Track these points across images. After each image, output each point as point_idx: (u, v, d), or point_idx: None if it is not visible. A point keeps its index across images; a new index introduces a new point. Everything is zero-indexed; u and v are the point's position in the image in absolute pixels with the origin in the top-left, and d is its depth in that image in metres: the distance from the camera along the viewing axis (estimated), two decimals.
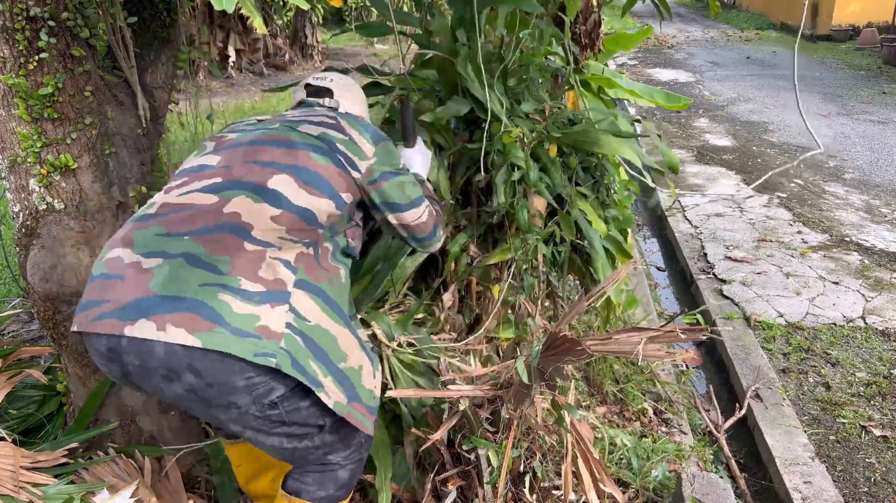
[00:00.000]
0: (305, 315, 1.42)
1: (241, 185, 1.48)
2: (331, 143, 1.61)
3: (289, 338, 1.37)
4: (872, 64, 11.04)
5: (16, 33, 1.66)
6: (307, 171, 1.53)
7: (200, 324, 1.28)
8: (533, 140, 2.41)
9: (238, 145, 1.58)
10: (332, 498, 1.66)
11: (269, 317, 1.35)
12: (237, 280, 1.35)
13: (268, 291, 1.37)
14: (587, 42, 2.95)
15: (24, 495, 1.79)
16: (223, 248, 1.38)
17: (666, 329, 1.57)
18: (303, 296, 1.44)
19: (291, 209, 1.47)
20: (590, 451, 1.86)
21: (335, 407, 1.46)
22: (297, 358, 1.37)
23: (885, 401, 2.92)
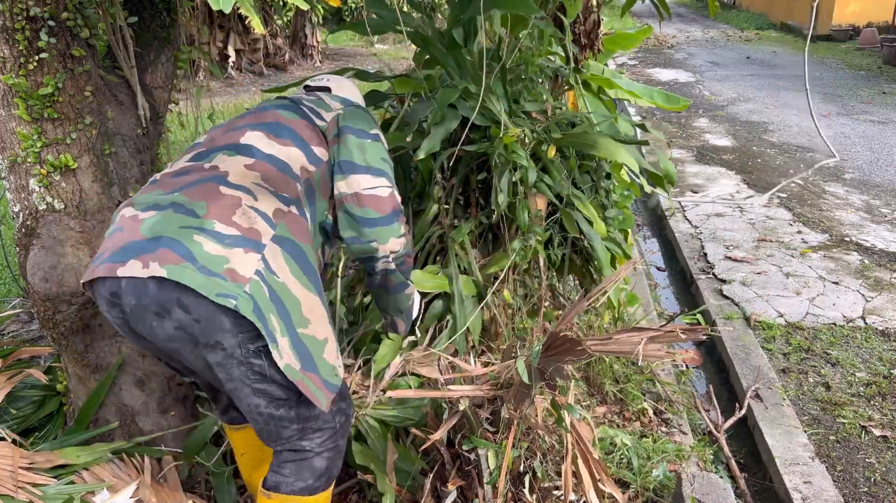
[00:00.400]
0: (275, 270, 1.44)
1: (219, 149, 1.58)
2: (299, 102, 1.71)
3: (255, 285, 1.39)
4: (872, 64, 11.04)
5: (16, 33, 1.66)
6: (275, 125, 1.62)
7: (170, 258, 1.34)
8: (533, 141, 2.41)
9: (223, 125, 1.71)
10: (311, 488, 1.65)
11: (238, 261, 1.38)
12: (211, 223, 1.40)
13: (241, 237, 1.41)
14: (587, 42, 2.95)
15: (24, 495, 1.79)
16: (201, 195, 1.45)
17: (666, 329, 1.57)
18: (278, 252, 1.46)
19: (263, 157, 1.55)
20: (590, 451, 1.86)
21: (285, 369, 1.43)
22: (259, 305, 1.38)
23: (885, 401, 2.92)
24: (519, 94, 2.56)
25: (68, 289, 1.90)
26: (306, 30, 11.63)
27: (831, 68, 10.75)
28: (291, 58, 11.29)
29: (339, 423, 1.66)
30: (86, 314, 1.96)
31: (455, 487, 1.95)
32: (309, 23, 11.57)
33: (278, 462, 1.65)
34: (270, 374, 1.46)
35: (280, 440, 1.60)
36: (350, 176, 1.65)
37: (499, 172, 2.33)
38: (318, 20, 11.69)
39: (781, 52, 12.71)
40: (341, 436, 1.68)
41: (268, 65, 10.94)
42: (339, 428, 1.67)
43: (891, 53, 10.77)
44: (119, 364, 2.06)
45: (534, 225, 2.42)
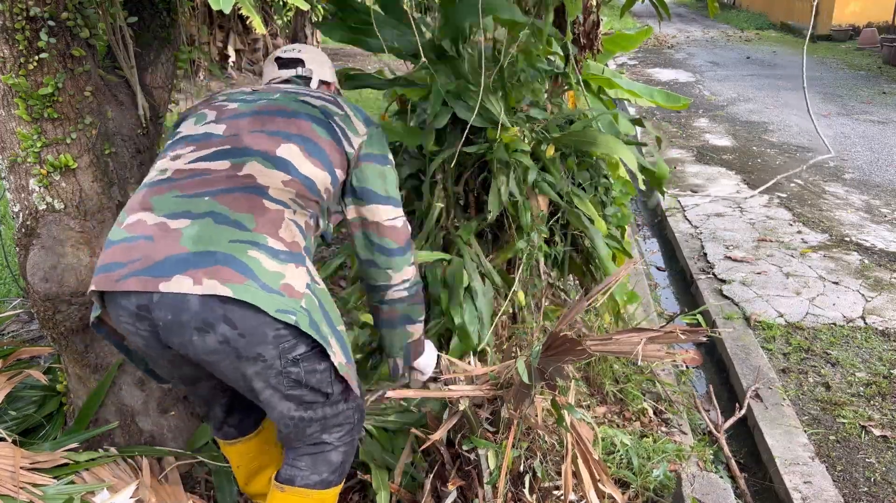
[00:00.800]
0: (316, 278, 1.52)
1: (251, 153, 1.52)
2: (329, 116, 1.64)
3: (308, 299, 1.45)
4: (872, 64, 11.05)
5: (16, 33, 1.66)
6: (311, 143, 1.58)
7: (233, 276, 1.34)
8: (532, 140, 2.41)
9: (241, 115, 1.60)
10: (326, 482, 1.67)
11: (293, 276, 1.43)
12: (263, 237, 1.41)
13: (290, 252, 1.45)
14: (586, 42, 2.95)
15: (24, 495, 1.79)
16: (245, 207, 1.43)
17: (666, 329, 1.56)
18: (309, 261, 1.52)
19: (298, 176, 1.53)
20: (590, 451, 1.86)
21: (339, 367, 1.51)
22: (313, 317, 1.44)
23: (885, 401, 2.92)
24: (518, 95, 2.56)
25: (68, 289, 1.90)
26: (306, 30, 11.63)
27: (831, 68, 10.75)
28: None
29: (357, 419, 1.70)
30: (86, 314, 1.96)
31: (455, 487, 1.95)
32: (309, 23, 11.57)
33: (295, 456, 1.66)
34: (306, 380, 1.50)
35: (302, 438, 1.63)
36: (370, 205, 1.67)
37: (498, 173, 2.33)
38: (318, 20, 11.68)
39: (781, 52, 12.71)
40: (357, 431, 1.72)
41: None
42: (357, 423, 1.71)
43: (891, 53, 10.77)
44: (119, 364, 2.06)
45: (537, 224, 2.42)
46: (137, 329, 1.42)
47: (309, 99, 1.66)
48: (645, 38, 3.36)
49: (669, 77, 10.50)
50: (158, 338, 1.42)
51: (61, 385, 2.20)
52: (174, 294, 1.33)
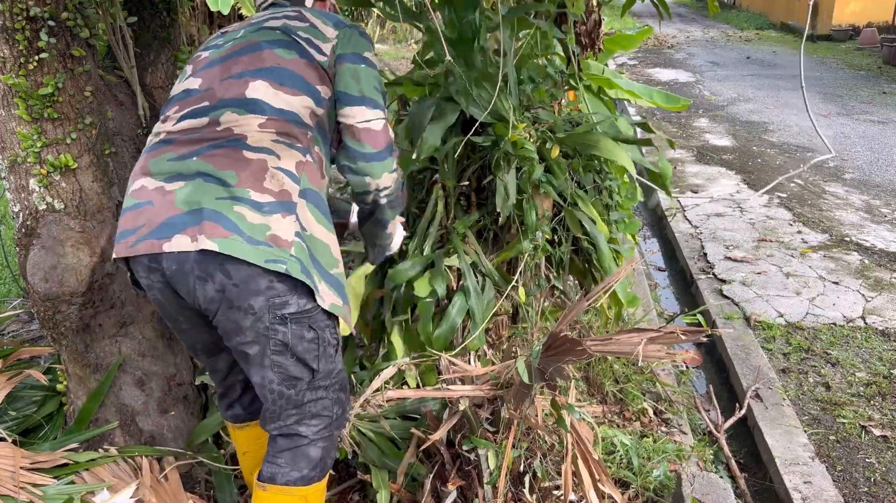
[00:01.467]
0: (305, 225, 1.50)
1: (224, 103, 1.53)
2: (292, 32, 1.60)
3: (298, 246, 1.47)
4: (872, 64, 11.05)
5: (16, 33, 1.66)
6: (278, 71, 1.55)
7: (219, 231, 1.40)
8: (537, 140, 2.41)
9: (212, 64, 1.60)
10: (307, 478, 1.66)
11: (280, 226, 1.45)
12: (246, 191, 1.44)
13: (277, 202, 1.46)
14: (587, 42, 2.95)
15: (24, 495, 1.79)
16: (227, 163, 1.46)
17: (666, 330, 1.56)
18: (304, 206, 1.51)
19: (274, 113, 1.52)
20: (590, 451, 1.86)
21: (332, 308, 1.53)
22: (304, 265, 1.47)
23: (885, 401, 2.92)
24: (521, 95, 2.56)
25: (68, 289, 1.89)
26: None
27: (831, 68, 10.75)
28: None
29: (336, 414, 1.69)
30: (86, 314, 1.96)
31: (455, 487, 1.95)
32: None
33: (274, 452, 1.67)
34: (292, 345, 1.52)
35: (278, 422, 1.63)
36: (345, 108, 1.62)
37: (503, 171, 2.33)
38: None
39: (781, 52, 12.71)
40: (336, 427, 1.71)
41: None
42: (336, 419, 1.69)
43: (891, 53, 10.77)
44: (119, 364, 2.06)
45: (541, 224, 2.42)
46: (152, 281, 1.51)
47: (270, 23, 1.62)
48: (645, 38, 3.36)
49: (669, 77, 10.50)
50: (170, 286, 1.50)
51: (61, 385, 2.20)
52: (175, 254, 1.43)
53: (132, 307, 2.03)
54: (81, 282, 1.90)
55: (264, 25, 1.63)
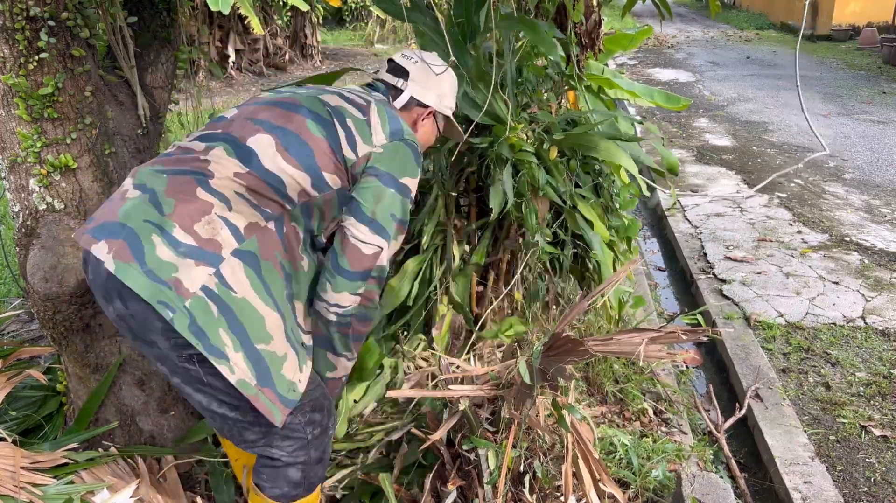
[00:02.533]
0: (232, 285, 1.38)
1: (223, 137, 1.49)
2: (338, 116, 1.53)
3: (199, 301, 1.34)
4: (872, 64, 11.04)
5: (16, 33, 1.66)
6: (293, 137, 1.48)
7: (124, 254, 1.34)
8: (535, 141, 2.41)
9: (256, 103, 1.58)
10: (289, 496, 1.62)
11: (187, 273, 1.35)
12: (171, 225, 1.37)
13: (197, 248, 1.37)
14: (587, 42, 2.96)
15: (24, 495, 1.79)
16: (176, 191, 1.41)
17: (667, 330, 1.56)
18: (239, 267, 1.40)
19: (259, 171, 1.44)
20: (590, 451, 1.86)
21: (238, 384, 1.38)
22: (199, 322, 1.34)
23: (885, 401, 2.91)
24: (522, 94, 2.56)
25: (68, 289, 1.89)
26: (306, 30, 11.63)
27: (831, 68, 10.75)
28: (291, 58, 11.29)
29: (312, 435, 1.60)
30: (86, 314, 1.96)
31: (455, 487, 1.95)
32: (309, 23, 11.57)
33: (258, 465, 1.63)
34: (208, 381, 1.42)
35: (246, 443, 1.56)
36: (351, 217, 1.55)
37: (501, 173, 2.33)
38: (318, 20, 11.68)
39: (781, 52, 12.71)
40: (315, 448, 1.62)
41: (268, 65, 10.94)
42: (312, 439, 1.61)
43: (891, 53, 10.77)
44: (119, 364, 2.06)
45: (541, 227, 2.42)
46: (88, 277, 1.46)
47: (330, 99, 1.56)
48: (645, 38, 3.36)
49: (669, 77, 10.50)
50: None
51: (61, 385, 2.20)
52: (95, 257, 1.38)
53: None
54: (81, 282, 1.90)
55: (322, 96, 1.57)
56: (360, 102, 1.60)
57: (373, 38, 13.99)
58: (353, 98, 1.60)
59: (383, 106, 1.63)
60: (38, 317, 1.99)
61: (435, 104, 1.78)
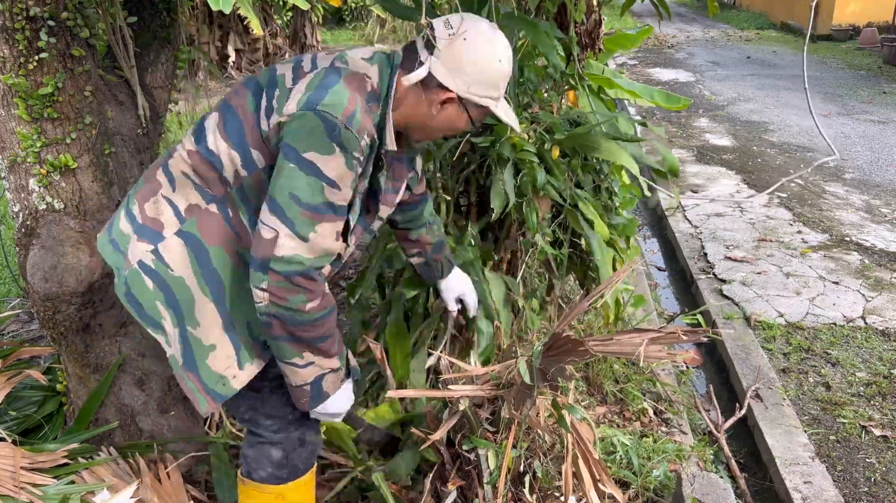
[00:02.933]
0: (170, 263, 1.43)
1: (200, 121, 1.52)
2: (272, 86, 1.41)
3: (135, 275, 1.46)
4: (872, 64, 11.04)
5: (16, 33, 1.66)
6: (231, 113, 1.43)
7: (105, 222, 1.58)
8: (536, 141, 2.40)
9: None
10: (274, 477, 1.63)
11: (134, 247, 1.47)
12: (134, 202, 1.51)
13: (142, 225, 1.48)
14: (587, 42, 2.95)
15: (25, 495, 1.79)
16: (151, 168, 1.55)
17: (667, 330, 1.56)
18: (179, 247, 1.43)
19: (202, 149, 1.44)
20: (590, 451, 1.86)
21: (170, 360, 1.49)
22: (133, 292, 1.46)
23: (885, 401, 2.91)
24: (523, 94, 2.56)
25: (68, 289, 1.89)
26: (306, 30, 11.62)
27: (831, 68, 10.75)
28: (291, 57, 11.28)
29: (293, 415, 1.57)
30: (86, 314, 1.96)
31: (455, 487, 1.95)
32: (309, 23, 11.57)
33: (244, 446, 1.67)
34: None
35: (238, 413, 1.64)
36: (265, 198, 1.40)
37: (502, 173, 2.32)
38: (318, 20, 11.68)
39: (781, 51, 12.71)
40: (295, 429, 1.60)
41: (268, 65, 10.93)
42: (293, 419, 1.58)
43: (891, 53, 10.76)
44: (119, 364, 2.06)
45: (542, 226, 2.42)
46: None
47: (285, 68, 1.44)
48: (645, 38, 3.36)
49: (669, 77, 10.49)
50: None
51: (61, 385, 2.20)
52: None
53: None
54: (81, 282, 1.90)
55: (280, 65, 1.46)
56: (305, 70, 1.42)
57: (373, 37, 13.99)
58: (304, 66, 1.43)
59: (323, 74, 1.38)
60: (38, 317, 1.99)
61: (460, 91, 1.43)
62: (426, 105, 1.46)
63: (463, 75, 1.42)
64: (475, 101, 1.46)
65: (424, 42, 1.43)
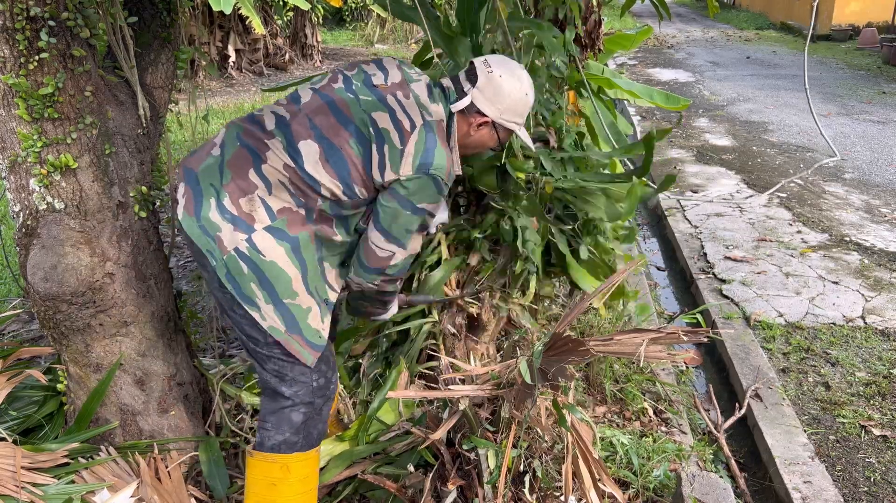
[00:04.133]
0: (262, 250, 1.69)
1: (284, 130, 1.74)
2: (379, 140, 1.72)
3: (232, 259, 1.69)
4: (872, 64, 11.04)
5: (16, 33, 1.66)
6: (336, 151, 1.72)
7: (190, 206, 1.71)
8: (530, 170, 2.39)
9: (323, 97, 1.78)
10: (290, 443, 1.82)
11: (227, 234, 1.69)
12: (224, 194, 1.70)
13: (236, 216, 1.69)
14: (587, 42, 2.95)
15: (25, 495, 1.79)
16: (236, 165, 1.72)
17: (668, 330, 1.57)
18: (269, 238, 1.70)
19: (301, 171, 1.71)
20: (590, 451, 1.86)
21: (269, 330, 1.72)
22: (233, 274, 1.69)
23: (885, 401, 2.92)
24: None
25: (68, 288, 1.90)
26: (306, 29, 11.63)
27: (831, 68, 10.75)
28: (291, 58, 11.28)
29: (317, 383, 1.84)
30: (86, 314, 1.96)
31: (455, 487, 1.95)
32: (309, 23, 11.57)
33: (262, 416, 1.85)
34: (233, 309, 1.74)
35: (263, 370, 1.81)
36: (371, 224, 1.79)
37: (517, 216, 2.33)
38: (318, 20, 11.68)
39: (781, 51, 12.71)
40: (318, 396, 1.85)
41: (268, 65, 10.93)
42: (317, 387, 1.84)
43: (891, 53, 10.77)
44: (119, 364, 2.06)
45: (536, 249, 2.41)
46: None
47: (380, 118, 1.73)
48: (645, 38, 3.36)
49: (669, 77, 10.50)
50: None
51: (61, 385, 2.20)
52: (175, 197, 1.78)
53: (132, 307, 2.03)
54: (81, 282, 1.90)
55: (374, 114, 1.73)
56: (405, 127, 1.74)
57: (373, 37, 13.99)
58: (402, 120, 1.74)
59: (424, 135, 1.75)
60: (38, 317, 1.99)
61: (494, 116, 1.86)
62: (466, 126, 1.87)
63: (498, 104, 1.84)
64: (506, 125, 1.88)
65: (467, 76, 1.84)
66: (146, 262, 2.06)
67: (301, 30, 11.59)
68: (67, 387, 2.16)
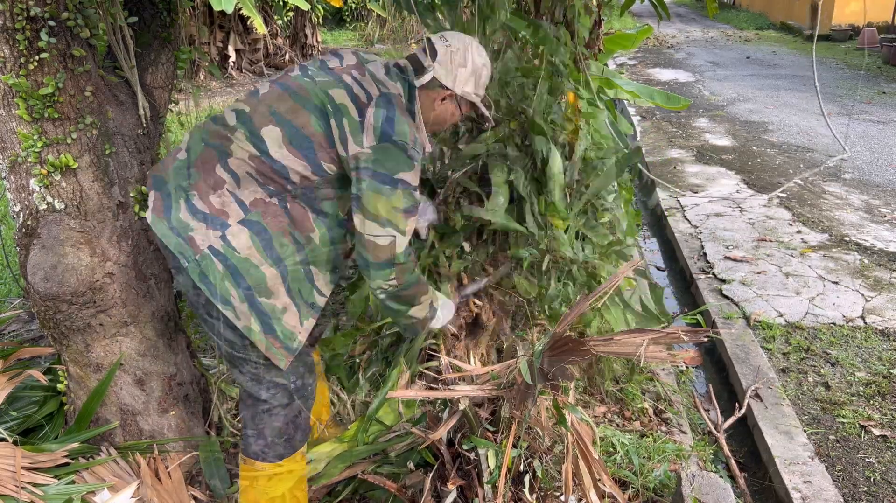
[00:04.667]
0: (237, 247, 1.67)
1: (244, 122, 1.72)
2: (338, 114, 1.70)
3: (206, 258, 1.66)
4: (872, 64, 11.04)
5: (16, 33, 1.66)
6: (297, 130, 1.69)
7: (160, 209, 1.71)
8: None
9: (282, 86, 1.76)
10: (272, 446, 1.84)
11: (199, 233, 1.67)
12: (193, 193, 1.70)
13: (208, 215, 1.68)
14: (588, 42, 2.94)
15: (25, 495, 1.79)
16: (202, 164, 1.72)
17: (668, 330, 1.57)
18: (243, 233, 1.68)
19: (267, 158, 1.69)
20: (590, 451, 1.86)
21: (244, 330, 1.69)
22: (206, 273, 1.66)
23: (885, 401, 2.92)
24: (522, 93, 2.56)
25: (69, 288, 1.90)
26: (306, 29, 11.63)
27: (831, 68, 10.75)
28: (291, 58, 11.29)
29: (294, 385, 1.84)
30: (86, 314, 1.96)
31: (455, 487, 1.95)
32: (309, 23, 11.57)
33: (243, 421, 1.87)
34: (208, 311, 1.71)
35: (241, 374, 1.81)
36: (359, 215, 1.71)
37: None
38: (318, 20, 11.69)
39: (781, 51, 12.71)
40: (296, 397, 1.86)
41: (268, 65, 10.94)
42: (295, 389, 1.85)
43: (891, 53, 10.77)
44: (119, 364, 2.06)
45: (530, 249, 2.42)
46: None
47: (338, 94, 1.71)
48: (645, 38, 3.36)
49: (669, 77, 10.50)
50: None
51: (61, 385, 2.20)
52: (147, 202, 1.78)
53: (132, 307, 2.03)
54: (81, 282, 1.90)
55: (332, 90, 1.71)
56: (362, 100, 1.72)
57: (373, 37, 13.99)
58: (359, 95, 1.73)
59: (383, 104, 1.72)
60: (38, 317, 1.99)
61: (456, 88, 1.87)
62: (429, 101, 1.88)
63: (459, 77, 1.86)
64: (466, 97, 1.90)
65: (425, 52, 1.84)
66: (146, 262, 2.06)
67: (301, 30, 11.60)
68: (67, 387, 2.16)
